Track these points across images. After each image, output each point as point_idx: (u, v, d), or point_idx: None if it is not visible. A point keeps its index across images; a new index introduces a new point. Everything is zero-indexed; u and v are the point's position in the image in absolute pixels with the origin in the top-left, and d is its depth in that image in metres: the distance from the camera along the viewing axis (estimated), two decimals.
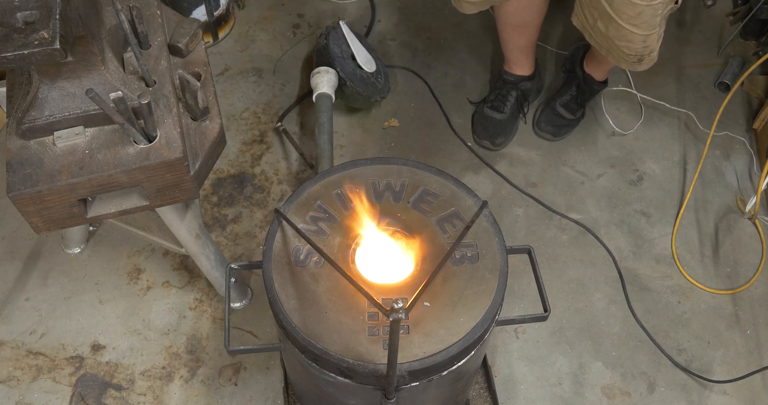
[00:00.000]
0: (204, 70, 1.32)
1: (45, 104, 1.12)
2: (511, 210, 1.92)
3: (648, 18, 1.53)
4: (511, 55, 2.01)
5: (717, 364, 1.70)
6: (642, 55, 1.64)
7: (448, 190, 1.18)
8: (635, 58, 1.65)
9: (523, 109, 2.06)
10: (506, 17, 1.86)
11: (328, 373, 1.05)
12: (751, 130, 2.09)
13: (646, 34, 1.57)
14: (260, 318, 1.72)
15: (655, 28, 1.57)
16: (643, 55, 1.65)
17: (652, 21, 1.54)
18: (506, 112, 2.02)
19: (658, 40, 1.63)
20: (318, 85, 1.94)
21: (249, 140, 2.03)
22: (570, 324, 1.75)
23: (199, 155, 1.24)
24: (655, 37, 1.60)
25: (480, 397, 1.57)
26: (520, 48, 1.97)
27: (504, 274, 1.10)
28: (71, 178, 1.12)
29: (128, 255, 1.81)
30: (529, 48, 1.99)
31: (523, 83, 2.05)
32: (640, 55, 1.64)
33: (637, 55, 1.64)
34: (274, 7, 2.34)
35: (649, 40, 1.60)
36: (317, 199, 1.16)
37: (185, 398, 1.62)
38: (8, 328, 1.70)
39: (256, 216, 1.88)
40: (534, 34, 1.93)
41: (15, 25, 0.98)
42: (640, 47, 1.61)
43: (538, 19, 1.87)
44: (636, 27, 1.56)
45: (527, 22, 1.87)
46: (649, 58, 1.66)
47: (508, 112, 2.02)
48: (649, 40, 1.59)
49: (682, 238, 1.89)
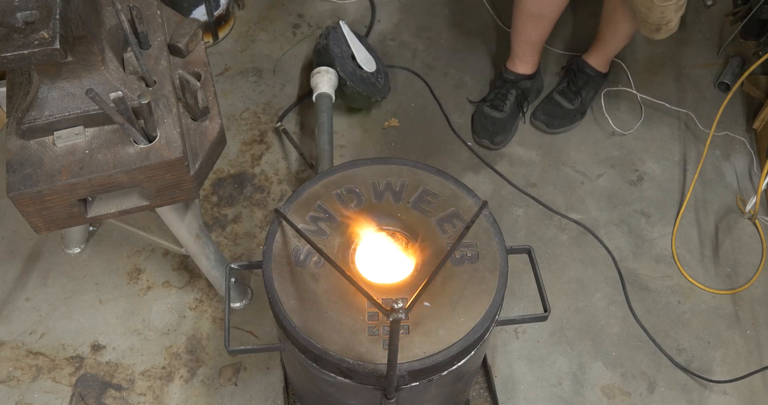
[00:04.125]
0: (204, 70, 1.32)
1: (45, 104, 1.12)
2: (511, 210, 1.93)
3: None
4: (518, 48, 2.01)
5: (717, 364, 1.70)
6: (660, 25, 1.72)
7: (448, 190, 1.18)
8: (653, 26, 1.73)
9: (522, 109, 2.06)
10: (526, 4, 1.87)
11: (328, 373, 1.05)
12: (751, 130, 2.09)
13: (665, 5, 1.66)
14: (260, 318, 1.73)
15: (670, 0, 1.65)
16: (661, 25, 1.73)
17: None
18: (506, 110, 2.02)
19: (677, 12, 1.70)
20: (318, 85, 1.94)
21: (249, 140, 2.03)
22: (570, 324, 1.75)
23: (199, 155, 1.24)
24: (672, 8, 1.67)
25: (480, 397, 1.57)
26: (530, 42, 1.97)
27: (504, 274, 1.10)
28: (71, 178, 1.12)
29: (128, 255, 1.81)
30: (538, 44, 1.99)
31: (523, 82, 2.05)
32: (657, 24, 1.72)
33: (655, 24, 1.72)
34: (274, 7, 2.34)
35: (667, 11, 1.68)
36: (317, 199, 1.16)
37: (185, 398, 1.62)
38: (8, 328, 1.70)
39: (256, 216, 1.88)
40: (547, 28, 1.93)
41: (15, 25, 0.98)
42: (658, 16, 1.69)
43: (555, 13, 1.88)
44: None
45: (544, 13, 1.87)
46: (667, 27, 1.74)
47: (507, 111, 2.02)
48: (666, 11, 1.67)
49: (682, 238, 1.89)
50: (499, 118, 2.02)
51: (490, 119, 2.02)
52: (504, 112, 2.02)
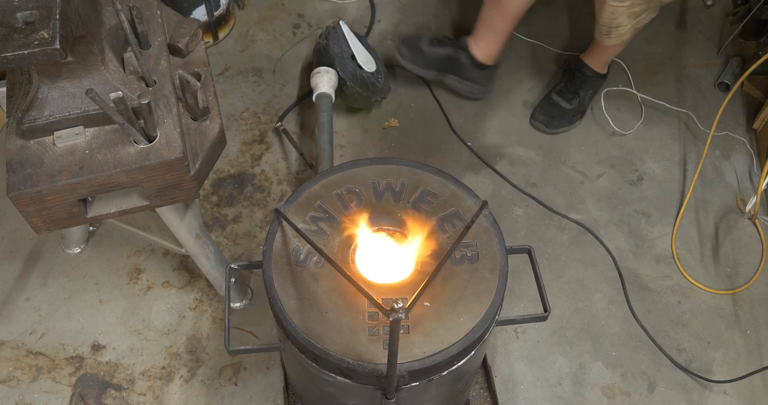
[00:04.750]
0: (204, 70, 1.32)
1: (45, 104, 1.12)
2: (511, 210, 1.93)
3: None
4: (479, 26, 1.99)
5: (717, 364, 1.70)
6: (610, 27, 1.72)
7: (448, 190, 1.18)
8: (604, 28, 1.73)
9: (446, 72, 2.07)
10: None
11: (328, 373, 1.05)
12: (751, 130, 2.09)
13: (615, 5, 1.64)
14: (260, 318, 1.73)
15: (624, 1, 1.64)
16: (611, 28, 1.73)
17: None
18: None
19: (630, 18, 1.68)
20: (318, 85, 1.94)
21: (249, 140, 2.03)
22: (570, 324, 1.75)
23: (199, 155, 1.24)
24: (622, 11, 1.66)
25: (480, 397, 1.57)
26: (489, 25, 1.96)
27: (504, 274, 1.10)
28: (71, 178, 1.12)
29: (128, 255, 1.81)
30: (497, 33, 1.97)
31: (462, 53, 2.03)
32: (608, 25, 1.72)
33: (605, 25, 1.72)
34: (274, 7, 2.34)
35: (617, 13, 1.67)
36: (317, 199, 1.16)
37: (185, 398, 1.62)
38: (8, 328, 1.70)
39: (256, 216, 1.88)
40: (509, 21, 1.92)
41: (15, 25, 0.98)
42: (608, 18, 1.68)
43: (516, 6, 1.87)
44: None
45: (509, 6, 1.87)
46: (617, 32, 1.73)
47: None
48: (617, 12, 1.67)
49: (682, 238, 1.89)
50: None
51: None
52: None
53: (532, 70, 2.21)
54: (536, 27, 2.28)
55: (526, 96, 2.15)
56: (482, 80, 2.06)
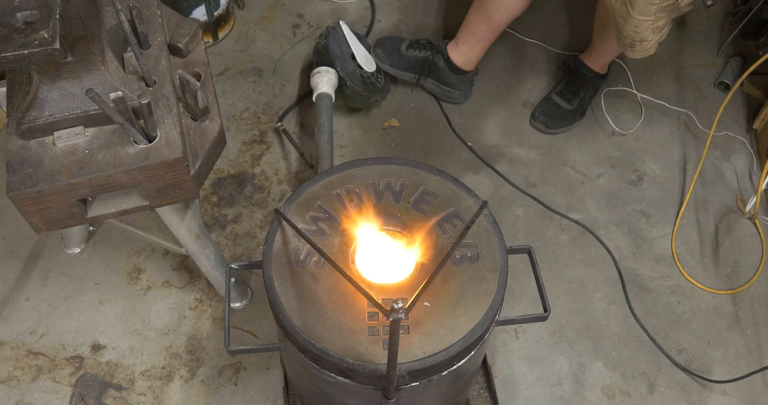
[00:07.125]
0: (204, 70, 1.32)
1: (45, 104, 1.12)
2: (511, 210, 1.93)
3: (642, 3, 1.56)
4: (462, 32, 1.99)
5: (717, 364, 1.70)
6: (633, 40, 1.68)
7: (448, 190, 1.18)
8: (628, 40, 1.68)
9: (421, 75, 2.08)
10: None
11: (328, 373, 1.05)
12: (751, 130, 2.09)
13: (639, 19, 1.60)
14: (260, 318, 1.72)
15: (649, 16, 1.60)
16: (635, 41, 1.68)
17: (646, 8, 1.57)
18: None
19: (653, 32, 1.65)
20: (318, 85, 1.94)
21: (249, 140, 2.03)
22: (570, 324, 1.75)
23: (199, 155, 1.24)
24: (647, 26, 1.62)
25: (480, 397, 1.57)
26: (472, 32, 1.96)
27: (504, 274, 1.09)
28: (71, 178, 1.12)
29: (128, 255, 1.81)
30: (479, 40, 1.97)
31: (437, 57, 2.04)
32: (632, 38, 1.67)
33: (629, 38, 1.67)
34: (274, 7, 2.34)
35: (641, 28, 1.63)
36: (317, 199, 1.16)
37: (185, 398, 1.62)
38: (8, 328, 1.70)
39: (256, 216, 1.88)
40: (493, 30, 1.92)
41: (15, 25, 0.98)
42: (632, 31, 1.64)
43: (502, 17, 1.87)
44: (632, 7, 1.58)
45: (489, 8, 1.87)
46: (641, 46, 1.69)
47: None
48: (641, 27, 1.62)
49: (682, 238, 1.89)
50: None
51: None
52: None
53: (532, 70, 2.21)
54: (536, 27, 2.28)
55: (526, 96, 2.15)
56: (460, 85, 2.07)
